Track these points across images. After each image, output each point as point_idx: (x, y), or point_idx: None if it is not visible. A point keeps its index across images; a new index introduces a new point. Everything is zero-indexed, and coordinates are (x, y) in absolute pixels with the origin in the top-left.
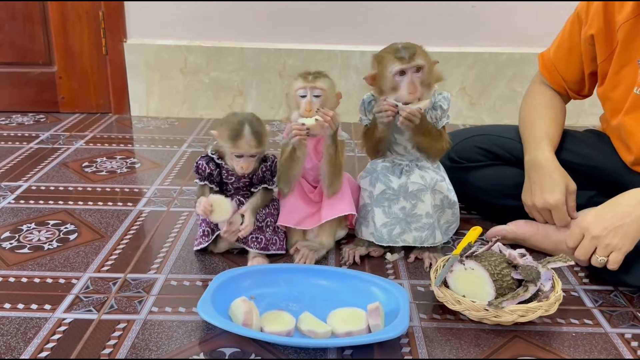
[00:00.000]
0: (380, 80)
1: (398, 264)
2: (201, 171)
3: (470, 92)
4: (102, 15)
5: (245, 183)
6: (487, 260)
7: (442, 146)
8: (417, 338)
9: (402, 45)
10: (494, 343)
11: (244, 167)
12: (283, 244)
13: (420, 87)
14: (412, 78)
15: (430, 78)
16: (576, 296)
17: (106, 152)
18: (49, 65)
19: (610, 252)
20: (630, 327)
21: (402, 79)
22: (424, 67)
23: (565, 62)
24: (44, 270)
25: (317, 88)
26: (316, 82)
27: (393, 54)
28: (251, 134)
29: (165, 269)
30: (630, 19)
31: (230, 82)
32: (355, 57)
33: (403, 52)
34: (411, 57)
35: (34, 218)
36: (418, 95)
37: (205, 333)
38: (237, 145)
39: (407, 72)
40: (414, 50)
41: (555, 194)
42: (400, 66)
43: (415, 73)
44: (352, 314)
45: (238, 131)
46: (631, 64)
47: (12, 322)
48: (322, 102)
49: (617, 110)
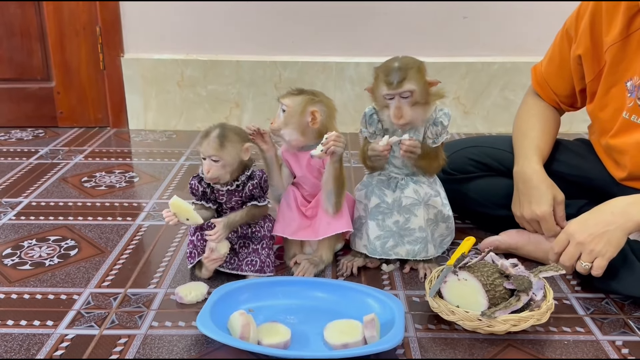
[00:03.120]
0: (375, 95)
1: (394, 275)
2: (195, 191)
3: (464, 102)
4: (99, 31)
5: (237, 202)
6: (479, 271)
7: (439, 164)
8: (412, 348)
9: (397, 66)
10: (488, 352)
11: (204, 171)
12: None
13: (411, 112)
14: (399, 103)
15: (425, 98)
16: (568, 304)
17: (105, 167)
18: (47, 81)
19: (595, 258)
20: (621, 334)
21: (390, 102)
22: (414, 91)
23: (556, 77)
24: (46, 286)
25: (284, 104)
26: (284, 98)
27: (384, 75)
28: (216, 136)
29: (165, 283)
30: (617, 42)
31: (227, 95)
32: (350, 68)
33: (393, 75)
34: (399, 83)
35: (34, 234)
36: (403, 122)
37: (204, 347)
38: (202, 143)
39: (394, 97)
40: (405, 74)
41: (542, 205)
42: (387, 91)
43: (404, 98)
44: (349, 326)
45: (208, 132)
46: (619, 85)
47: (15, 339)
48: (285, 116)
49: (605, 130)
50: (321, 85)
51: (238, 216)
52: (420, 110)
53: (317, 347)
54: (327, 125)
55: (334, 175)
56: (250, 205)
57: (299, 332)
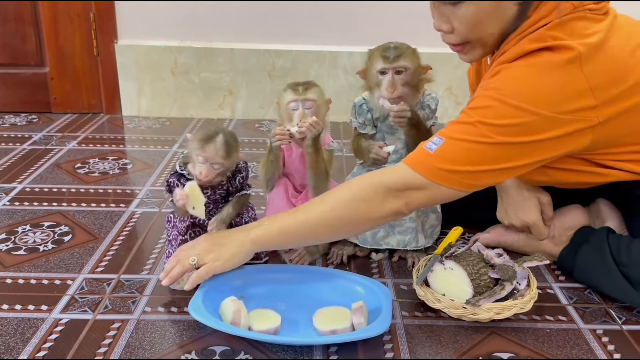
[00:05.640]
0: (367, 75)
1: (382, 264)
2: (173, 189)
3: (456, 92)
4: (93, 17)
5: (221, 195)
6: (465, 260)
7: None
8: (399, 335)
9: (393, 45)
10: (472, 339)
11: (203, 173)
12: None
13: (403, 88)
14: (392, 78)
15: (416, 81)
16: (552, 293)
17: (98, 153)
18: (40, 67)
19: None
20: (602, 323)
21: (384, 77)
22: (408, 69)
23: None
24: (40, 271)
25: (309, 100)
26: (307, 93)
27: (380, 51)
28: (223, 143)
29: (158, 269)
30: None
31: (221, 83)
32: (344, 57)
33: (390, 51)
34: (396, 57)
35: (29, 220)
36: (396, 95)
37: (196, 332)
38: (206, 148)
39: (388, 71)
40: (401, 52)
41: (529, 212)
42: (382, 64)
43: (397, 74)
44: (337, 313)
45: (211, 136)
46: None
47: (10, 323)
48: (313, 112)
49: None
50: (314, 74)
51: (229, 210)
52: (410, 92)
53: (307, 333)
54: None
55: (308, 162)
56: (239, 195)
57: (289, 318)
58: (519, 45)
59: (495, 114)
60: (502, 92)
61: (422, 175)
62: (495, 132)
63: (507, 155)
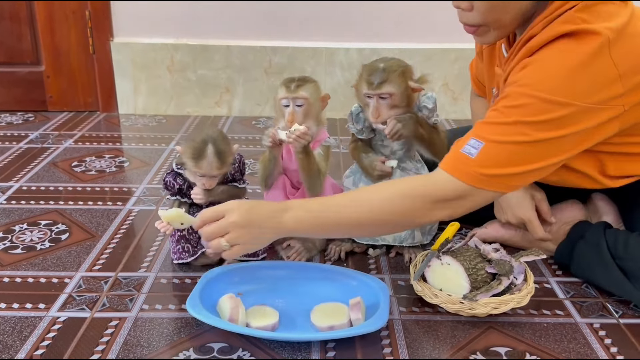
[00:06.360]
0: (357, 93)
1: (380, 260)
2: (170, 188)
3: (453, 88)
4: (88, 15)
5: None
6: (462, 255)
7: (442, 138)
8: (396, 330)
9: (381, 67)
10: (470, 334)
11: (206, 185)
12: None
13: (389, 112)
14: (377, 104)
15: (406, 102)
16: (549, 288)
17: (95, 151)
18: (36, 65)
19: None
20: (599, 317)
21: (370, 101)
22: (393, 94)
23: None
24: (37, 270)
25: (299, 98)
26: (298, 91)
27: (367, 74)
28: (214, 154)
29: (155, 267)
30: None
31: (217, 80)
32: (340, 54)
33: (375, 76)
34: (379, 85)
35: (26, 218)
36: (381, 120)
37: (194, 329)
38: (199, 165)
39: (372, 97)
40: (386, 77)
41: (524, 209)
42: (366, 90)
43: (382, 99)
44: (335, 309)
45: (201, 151)
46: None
47: (7, 321)
48: (305, 110)
49: None
50: (311, 71)
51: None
52: (399, 112)
53: (304, 329)
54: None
55: (299, 165)
56: (230, 185)
57: (287, 314)
58: (550, 28)
59: (532, 111)
60: (536, 88)
61: (467, 182)
62: (535, 129)
63: (548, 151)
